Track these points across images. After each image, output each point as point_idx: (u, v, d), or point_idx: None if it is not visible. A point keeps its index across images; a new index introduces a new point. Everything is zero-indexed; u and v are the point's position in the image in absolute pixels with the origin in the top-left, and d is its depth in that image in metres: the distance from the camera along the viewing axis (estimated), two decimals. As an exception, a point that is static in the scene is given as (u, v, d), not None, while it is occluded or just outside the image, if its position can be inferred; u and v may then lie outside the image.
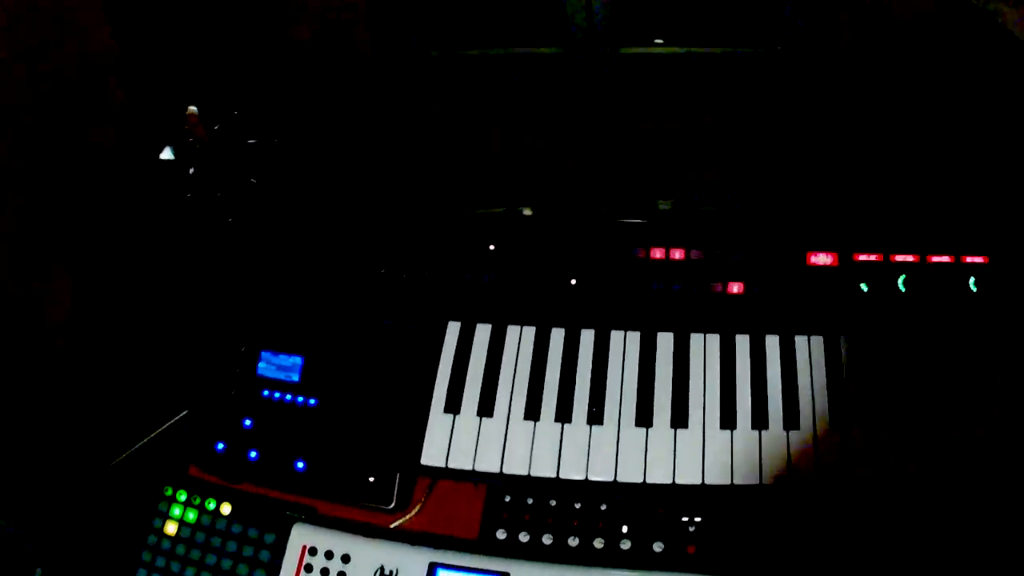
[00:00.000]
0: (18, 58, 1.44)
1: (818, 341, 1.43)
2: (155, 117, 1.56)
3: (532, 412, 1.40)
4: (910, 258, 1.46)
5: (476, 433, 1.39)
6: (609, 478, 1.34)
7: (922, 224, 1.49)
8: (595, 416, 1.39)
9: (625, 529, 1.40)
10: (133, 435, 1.61)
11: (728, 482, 1.32)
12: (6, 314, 1.49)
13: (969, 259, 1.47)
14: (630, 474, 1.34)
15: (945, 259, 1.47)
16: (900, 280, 1.45)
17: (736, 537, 1.37)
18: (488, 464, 1.36)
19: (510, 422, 1.40)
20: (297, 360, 1.52)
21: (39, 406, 1.54)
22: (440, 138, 1.67)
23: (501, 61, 1.80)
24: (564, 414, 1.39)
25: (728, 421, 1.37)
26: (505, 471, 1.36)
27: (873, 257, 1.46)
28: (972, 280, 1.45)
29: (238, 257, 1.62)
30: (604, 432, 1.38)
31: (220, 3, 1.61)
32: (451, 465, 1.37)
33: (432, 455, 1.38)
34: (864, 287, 1.45)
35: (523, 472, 1.35)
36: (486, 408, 1.41)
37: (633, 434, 1.37)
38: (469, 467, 1.36)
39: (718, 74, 1.73)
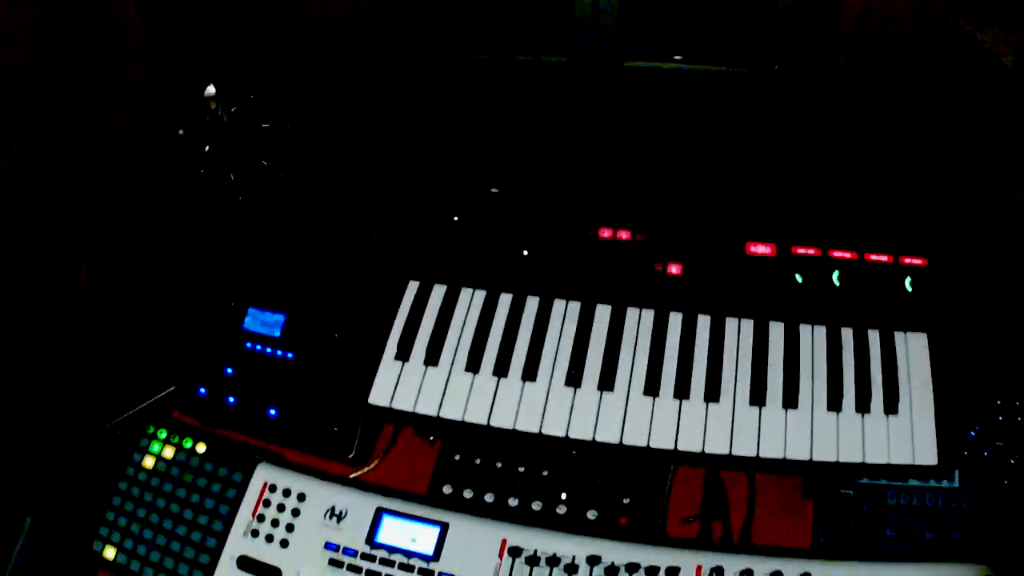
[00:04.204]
0: (43, 35, 1.61)
1: (748, 324, 1.53)
2: (175, 96, 1.75)
3: (472, 365, 1.53)
4: (848, 255, 1.55)
5: (420, 379, 1.53)
6: (535, 430, 1.46)
7: (864, 223, 1.57)
8: (529, 373, 1.51)
9: (564, 496, 1.52)
10: (132, 397, 1.75)
11: (644, 444, 1.44)
12: (22, 279, 1.66)
13: (908, 260, 1.54)
14: (554, 428, 1.46)
15: (884, 259, 1.54)
16: (835, 275, 1.54)
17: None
18: (427, 408, 1.50)
19: (452, 372, 1.53)
20: (280, 317, 1.68)
21: (45, 364, 1.70)
22: (438, 128, 1.83)
23: (510, 66, 1.96)
24: (501, 369, 1.52)
25: (652, 389, 1.48)
26: (442, 415, 1.49)
27: (811, 251, 1.55)
28: (908, 280, 1.53)
29: (241, 227, 1.79)
30: (536, 388, 1.50)
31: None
32: (394, 406, 1.51)
33: (379, 396, 1.52)
34: (799, 278, 1.54)
35: (457, 418, 1.49)
36: (432, 358, 1.55)
37: (561, 392, 1.49)
38: (410, 409, 1.50)
39: (710, 87, 1.85)
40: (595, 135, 1.74)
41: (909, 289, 1.52)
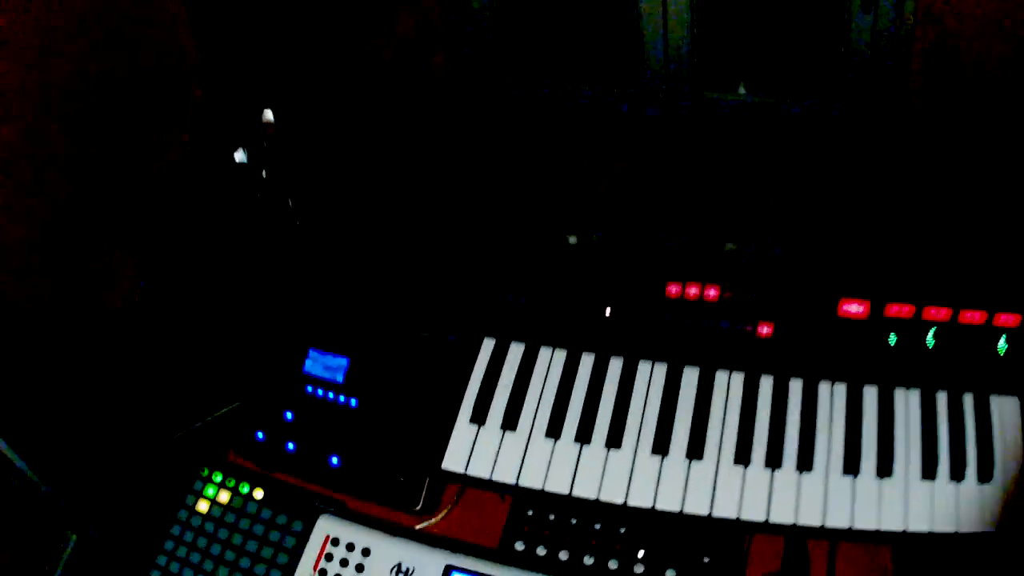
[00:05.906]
0: (99, 51, 1.51)
1: (841, 388, 1.47)
2: (232, 119, 1.65)
3: (553, 430, 1.47)
4: (942, 312, 1.48)
5: (498, 444, 1.47)
6: (620, 501, 1.40)
7: (957, 279, 1.50)
8: (614, 440, 1.45)
9: (641, 554, 1.47)
10: (189, 416, 1.70)
11: (735, 516, 1.38)
12: (72, 293, 1.58)
13: (1002, 318, 1.48)
14: (640, 499, 1.40)
15: (977, 317, 1.48)
16: (929, 335, 1.47)
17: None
18: (505, 475, 1.44)
19: (531, 438, 1.47)
20: (343, 361, 1.60)
21: (98, 381, 1.63)
22: (507, 163, 1.72)
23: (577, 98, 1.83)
24: (584, 435, 1.46)
25: (742, 457, 1.42)
26: (521, 484, 1.43)
27: (905, 309, 1.48)
28: (1003, 338, 1.47)
29: (300, 258, 1.70)
30: (621, 456, 1.44)
31: (304, 15, 1.68)
32: (470, 472, 1.45)
33: (453, 461, 1.46)
34: (892, 339, 1.48)
35: (538, 487, 1.43)
36: (510, 422, 1.48)
37: (648, 461, 1.43)
38: (487, 476, 1.44)
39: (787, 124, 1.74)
40: (675, 181, 1.64)
41: (1001, 351, 1.47)
